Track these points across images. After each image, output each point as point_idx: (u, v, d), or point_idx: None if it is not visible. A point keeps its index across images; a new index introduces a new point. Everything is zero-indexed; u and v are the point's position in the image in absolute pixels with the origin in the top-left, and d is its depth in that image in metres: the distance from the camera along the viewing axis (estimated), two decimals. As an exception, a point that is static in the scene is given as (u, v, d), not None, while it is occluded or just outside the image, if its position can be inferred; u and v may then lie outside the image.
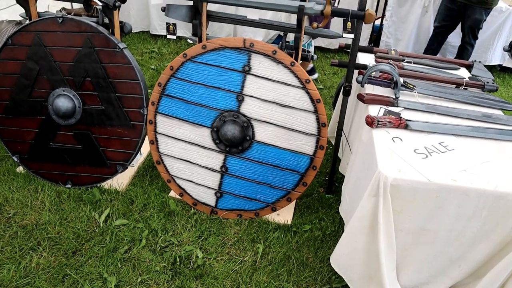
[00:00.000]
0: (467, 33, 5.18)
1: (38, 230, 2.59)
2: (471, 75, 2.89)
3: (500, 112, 2.49)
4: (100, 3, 2.61)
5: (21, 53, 2.76)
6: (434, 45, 5.44)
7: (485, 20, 5.13)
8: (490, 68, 5.90)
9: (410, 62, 2.94)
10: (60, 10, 4.87)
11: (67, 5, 4.87)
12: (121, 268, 2.39)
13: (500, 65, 6.03)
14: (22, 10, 2.92)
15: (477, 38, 5.28)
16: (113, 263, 2.41)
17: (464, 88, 2.70)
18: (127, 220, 2.70)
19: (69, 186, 2.94)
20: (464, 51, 5.33)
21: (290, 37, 3.09)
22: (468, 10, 4.98)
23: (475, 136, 2.19)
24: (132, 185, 3.02)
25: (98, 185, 2.95)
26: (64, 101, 2.75)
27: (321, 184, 3.20)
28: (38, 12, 2.90)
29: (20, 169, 3.07)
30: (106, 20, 2.77)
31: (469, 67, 3.06)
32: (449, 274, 2.08)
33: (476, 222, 1.90)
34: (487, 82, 2.73)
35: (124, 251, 2.49)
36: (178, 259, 2.46)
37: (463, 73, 2.98)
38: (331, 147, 3.46)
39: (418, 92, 2.48)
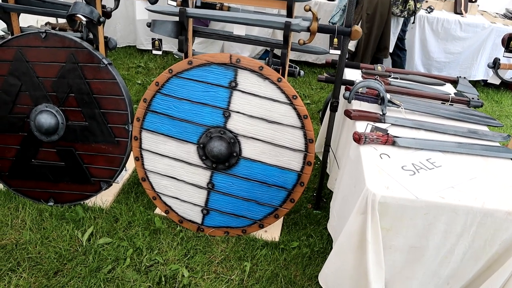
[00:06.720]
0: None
1: (18, 250, 2.51)
2: (456, 91, 2.91)
3: (485, 128, 2.50)
4: (84, 19, 2.58)
5: (2, 69, 2.69)
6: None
7: (407, 30, 5.39)
8: (474, 83, 5.99)
9: (397, 78, 2.95)
10: (44, 24, 4.84)
11: (52, 19, 4.84)
12: (104, 289, 2.33)
13: (484, 80, 6.12)
14: (4, 25, 2.87)
15: (404, 49, 5.46)
16: (96, 283, 2.34)
17: (450, 104, 2.71)
18: (111, 239, 2.64)
19: (51, 203, 2.87)
20: (394, 63, 5.53)
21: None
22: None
23: (461, 153, 2.19)
24: (116, 202, 2.96)
25: (82, 202, 2.88)
26: (46, 117, 2.69)
27: (309, 200, 3.18)
28: (20, 27, 2.86)
29: (0, 186, 2.99)
30: (91, 36, 2.74)
31: (454, 83, 3.08)
32: (439, 292, 2.06)
33: (464, 240, 1.89)
34: (472, 98, 2.75)
35: (107, 271, 2.43)
36: (163, 279, 2.40)
37: (449, 89, 3.00)
38: (318, 163, 3.45)
39: (404, 108, 2.49)
